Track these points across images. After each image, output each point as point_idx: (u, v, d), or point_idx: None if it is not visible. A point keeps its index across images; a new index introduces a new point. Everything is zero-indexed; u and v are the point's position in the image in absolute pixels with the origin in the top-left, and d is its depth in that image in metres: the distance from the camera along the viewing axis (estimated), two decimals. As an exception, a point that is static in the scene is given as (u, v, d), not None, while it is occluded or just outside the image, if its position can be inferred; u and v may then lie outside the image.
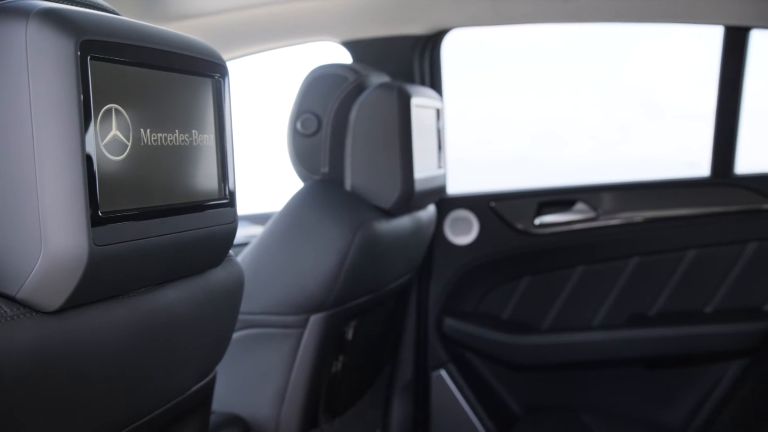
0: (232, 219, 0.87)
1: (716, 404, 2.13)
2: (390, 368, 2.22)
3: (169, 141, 0.75)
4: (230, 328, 0.99)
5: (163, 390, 0.85)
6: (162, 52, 0.74)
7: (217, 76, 0.83)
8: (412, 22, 2.06)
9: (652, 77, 2.65)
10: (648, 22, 2.00)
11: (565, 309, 2.23)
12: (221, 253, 0.88)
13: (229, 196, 0.86)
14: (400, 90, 1.65)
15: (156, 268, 0.76)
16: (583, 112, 2.82)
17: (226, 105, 0.85)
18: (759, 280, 2.09)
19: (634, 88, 2.75)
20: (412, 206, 1.78)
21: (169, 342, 0.82)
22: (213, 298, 0.89)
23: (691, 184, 2.15)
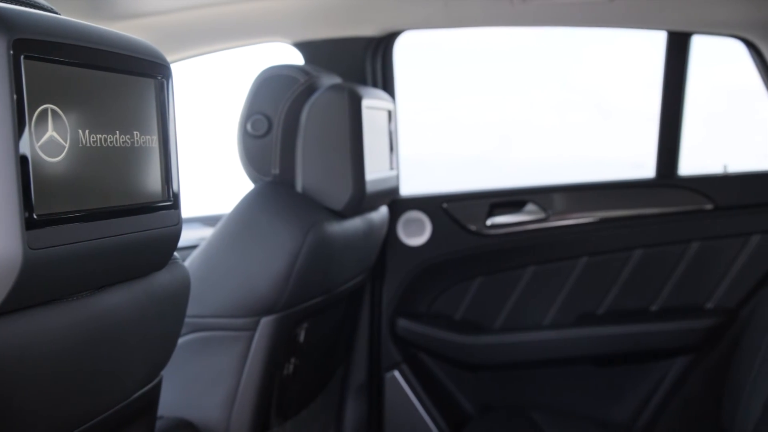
0: (177, 221, 0.86)
1: (661, 400, 2.19)
2: (343, 370, 2.21)
3: (110, 142, 0.74)
4: (176, 331, 0.98)
5: (106, 395, 0.84)
6: (101, 52, 0.73)
7: (160, 76, 0.82)
8: (364, 24, 2.07)
9: (604, 80, 2.70)
10: (594, 27, 2.04)
11: (517, 309, 2.26)
12: (165, 255, 0.87)
13: (173, 198, 0.85)
14: (350, 91, 1.65)
15: (96, 271, 0.75)
16: (537, 113, 2.86)
17: (170, 106, 0.84)
18: (702, 278, 2.15)
19: (587, 91, 2.80)
20: (363, 208, 1.78)
21: (112, 346, 0.81)
22: (157, 301, 0.88)
23: (637, 185, 2.20)
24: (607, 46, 2.21)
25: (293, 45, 2.13)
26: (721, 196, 2.13)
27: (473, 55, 2.78)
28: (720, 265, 2.13)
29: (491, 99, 2.89)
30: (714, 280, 2.14)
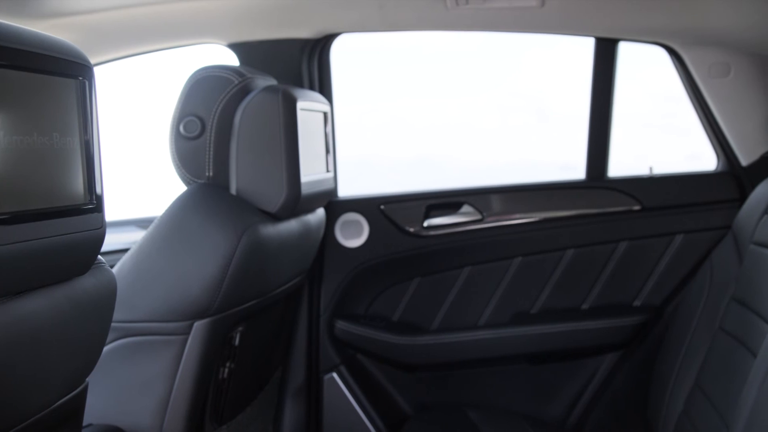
0: (100, 224, 0.84)
1: (592, 395, 2.25)
2: (281, 372, 2.21)
3: (27, 144, 0.72)
4: (101, 337, 0.96)
5: (27, 403, 0.82)
6: (18, 52, 0.71)
7: (81, 77, 0.81)
8: (300, 26, 2.06)
9: (544, 84, 2.76)
10: (526, 32, 2.09)
11: (453, 309, 2.29)
12: (88, 260, 0.86)
13: (96, 201, 0.83)
14: (285, 93, 1.65)
15: (14, 276, 0.73)
16: (479, 116, 2.91)
17: (92, 107, 0.82)
18: (630, 277, 2.22)
19: (528, 94, 2.86)
20: (299, 210, 1.78)
21: (32, 353, 0.79)
22: (80, 306, 0.86)
23: (568, 187, 2.26)
24: (548, 50, 2.26)
25: (228, 46, 2.11)
26: (647, 198, 2.21)
27: (418, 58, 2.80)
28: (646, 265, 2.20)
29: (434, 101, 2.92)
30: (641, 278, 2.21)
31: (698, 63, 2.12)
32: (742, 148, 2.15)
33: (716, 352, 1.77)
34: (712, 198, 2.18)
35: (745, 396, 1.43)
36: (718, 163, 2.23)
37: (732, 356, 1.68)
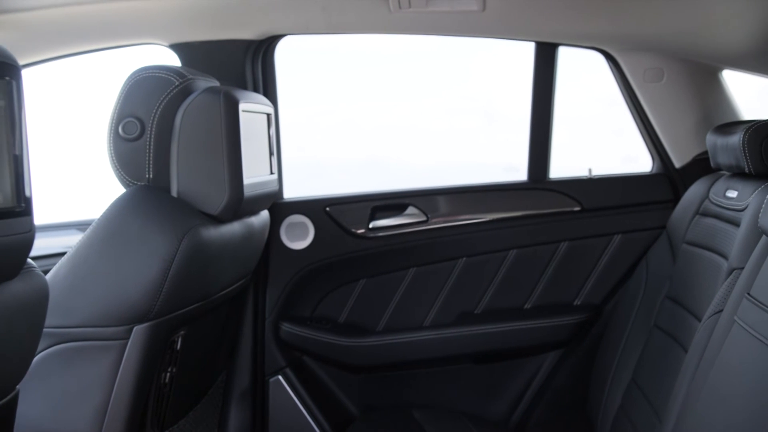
0: (29, 228, 0.83)
1: (535, 393, 2.29)
2: (225, 376, 2.19)
3: (-52, 146, 0.70)
4: (33, 342, 0.94)
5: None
6: None
7: (8, 77, 0.79)
8: (242, 27, 2.05)
9: (492, 87, 2.80)
10: (468, 36, 2.12)
11: (399, 310, 2.30)
12: (16, 264, 0.84)
13: (24, 204, 0.82)
14: (226, 94, 1.64)
15: None
16: (429, 118, 2.93)
17: (18, 107, 0.80)
18: (571, 277, 2.26)
19: (475, 97, 2.90)
20: (242, 212, 1.76)
21: (-44, 360, 0.77)
22: (8, 311, 0.84)
23: (511, 188, 2.30)
24: (496, 53, 2.30)
25: (169, 47, 2.09)
26: (586, 199, 2.26)
27: (371, 60, 2.81)
28: (586, 264, 2.25)
29: (385, 104, 2.93)
30: (581, 278, 2.26)
31: (633, 68, 2.18)
32: (675, 150, 2.22)
33: (651, 349, 1.83)
34: (648, 199, 2.24)
35: (677, 390, 1.48)
36: (653, 165, 2.30)
37: (665, 352, 1.73)
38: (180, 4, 1.89)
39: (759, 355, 1.19)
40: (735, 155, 1.71)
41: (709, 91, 2.19)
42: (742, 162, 1.69)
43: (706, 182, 1.92)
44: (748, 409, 1.17)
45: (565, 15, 1.90)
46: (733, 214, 1.68)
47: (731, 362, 1.29)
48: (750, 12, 1.55)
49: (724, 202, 1.75)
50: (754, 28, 1.59)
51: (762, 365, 1.17)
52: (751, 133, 1.66)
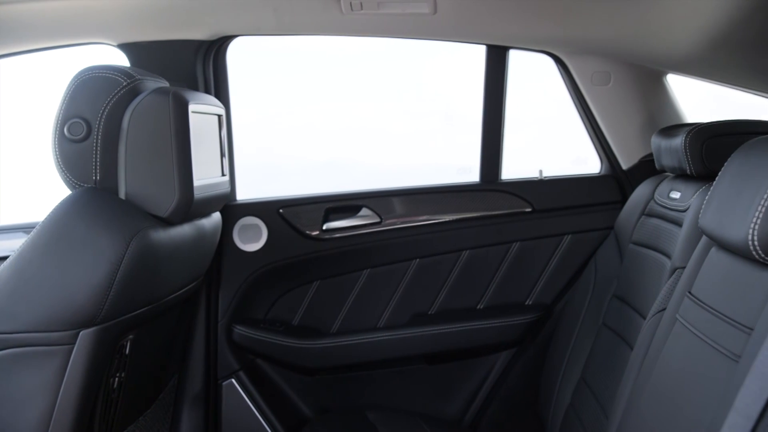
0: None
1: (488, 393, 2.32)
2: (177, 380, 2.16)
3: None
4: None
5: None
6: None
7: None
8: (193, 27, 2.03)
9: (451, 89, 2.81)
10: (420, 38, 2.13)
11: (353, 311, 2.31)
12: None
13: None
14: (175, 95, 1.62)
15: None
16: (388, 120, 2.93)
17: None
18: (523, 277, 2.29)
19: (434, 99, 2.91)
20: (192, 214, 1.74)
21: None
22: None
23: (463, 190, 2.32)
24: (456, 55, 2.31)
25: (117, 47, 2.05)
26: (537, 200, 2.29)
27: (331, 61, 2.80)
28: (538, 264, 2.28)
29: (346, 105, 2.93)
30: (533, 278, 2.29)
31: (581, 71, 2.22)
32: (622, 152, 2.27)
33: (599, 347, 1.86)
34: (597, 200, 2.28)
35: (622, 387, 1.51)
36: (601, 167, 2.35)
37: (612, 350, 1.77)
38: (129, 3, 1.86)
39: (698, 351, 1.23)
40: (678, 157, 1.76)
41: (654, 94, 2.24)
42: (685, 164, 1.73)
43: (652, 183, 1.97)
44: (689, 405, 1.20)
45: (515, 19, 1.92)
46: (676, 214, 1.73)
47: (673, 359, 1.32)
48: (692, 20, 1.60)
49: (668, 202, 1.80)
50: (696, 34, 1.64)
51: (701, 362, 1.21)
52: (692, 136, 1.70)
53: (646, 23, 1.75)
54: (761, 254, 1.09)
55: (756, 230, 1.09)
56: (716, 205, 1.26)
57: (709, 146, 1.68)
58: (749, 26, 1.50)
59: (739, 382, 1.01)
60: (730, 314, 1.17)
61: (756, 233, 1.09)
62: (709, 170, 1.67)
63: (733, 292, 1.20)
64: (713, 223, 1.26)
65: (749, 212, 1.11)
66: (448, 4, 1.80)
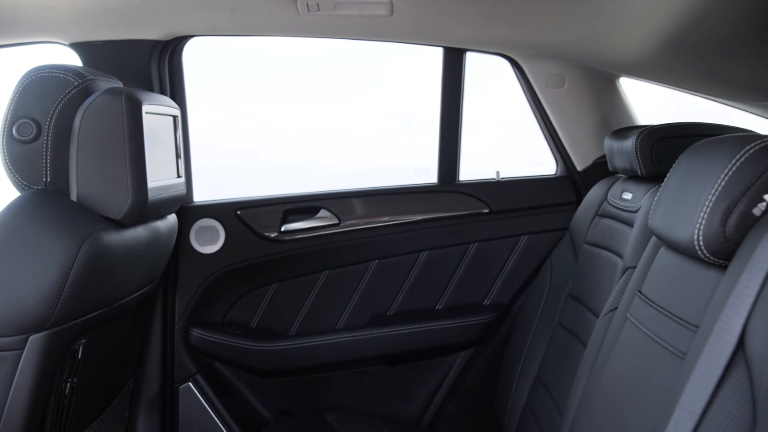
0: None
1: (446, 393, 2.33)
2: (132, 384, 2.13)
3: None
4: None
5: None
6: None
7: None
8: (147, 27, 2.00)
9: (413, 90, 2.82)
10: (377, 40, 2.14)
11: (312, 313, 2.30)
12: None
13: None
14: (128, 95, 1.60)
15: None
16: (351, 121, 2.93)
17: None
18: (480, 277, 2.31)
19: (398, 100, 2.91)
20: (147, 216, 1.72)
21: None
22: None
23: (422, 191, 2.33)
24: (419, 56, 2.31)
25: (69, 46, 2.02)
26: (494, 201, 2.31)
27: (295, 62, 2.79)
28: (495, 265, 2.31)
29: (309, 106, 2.92)
30: (490, 278, 2.31)
31: (537, 74, 2.25)
32: (577, 154, 2.30)
33: (555, 346, 1.89)
34: (553, 201, 2.31)
35: (576, 385, 1.54)
36: (557, 168, 2.38)
37: (567, 349, 1.80)
38: (81, 1, 1.82)
39: (647, 349, 1.25)
40: (629, 159, 1.79)
41: (607, 97, 2.28)
42: (636, 165, 1.77)
43: (605, 185, 2.00)
44: (638, 402, 1.22)
45: (471, 22, 1.94)
46: (628, 215, 1.76)
47: (623, 357, 1.34)
48: (642, 24, 1.62)
49: (621, 203, 1.83)
50: (646, 38, 1.67)
51: (650, 359, 1.23)
52: (642, 138, 1.74)
53: (598, 27, 1.78)
54: (706, 254, 1.12)
55: (701, 230, 1.12)
56: (664, 206, 1.29)
57: (659, 148, 1.72)
58: (697, 31, 1.53)
59: (685, 379, 1.04)
60: (677, 312, 1.20)
61: (701, 233, 1.12)
62: (658, 171, 1.70)
63: (680, 291, 1.22)
64: (661, 224, 1.29)
65: (695, 213, 1.14)
66: (404, 6, 1.81)
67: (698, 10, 1.44)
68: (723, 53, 1.65)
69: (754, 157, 1.07)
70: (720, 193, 1.09)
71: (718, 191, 1.10)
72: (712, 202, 1.11)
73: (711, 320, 1.05)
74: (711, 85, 2.00)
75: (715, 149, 1.17)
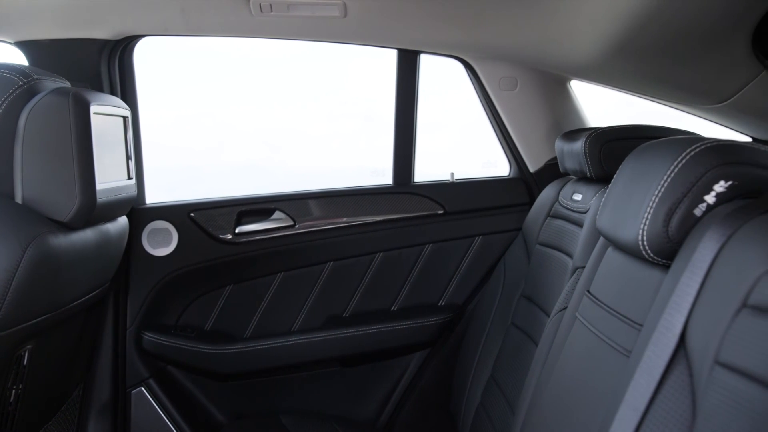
0: None
1: (402, 394, 2.34)
2: (82, 389, 2.09)
3: None
4: None
5: None
6: None
7: None
8: (96, 26, 1.97)
9: (371, 91, 2.82)
10: (331, 41, 2.13)
11: (267, 315, 2.29)
12: None
13: None
14: (75, 95, 1.57)
15: None
16: (310, 123, 2.92)
17: None
18: (436, 278, 2.33)
19: (356, 102, 2.91)
20: (96, 218, 1.69)
21: None
22: None
23: (377, 192, 2.33)
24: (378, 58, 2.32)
25: (15, 44, 1.97)
26: (449, 202, 2.33)
27: (254, 64, 2.77)
28: (450, 266, 2.32)
29: (269, 107, 2.90)
30: (445, 279, 2.33)
31: (489, 76, 2.27)
32: (530, 155, 2.33)
33: (508, 346, 1.91)
34: (506, 202, 2.34)
35: (528, 384, 1.55)
36: (510, 170, 2.40)
37: (520, 349, 1.82)
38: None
39: (595, 348, 1.27)
40: (579, 160, 1.82)
41: (558, 99, 2.31)
42: (585, 167, 1.80)
43: (557, 186, 2.03)
44: (586, 400, 1.24)
45: (424, 24, 1.95)
46: (578, 215, 1.79)
47: (572, 356, 1.36)
48: (591, 28, 1.65)
49: (571, 204, 1.86)
50: (595, 42, 1.70)
51: (597, 358, 1.25)
52: (591, 140, 1.77)
53: (548, 31, 1.80)
54: (650, 254, 1.14)
55: (645, 231, 1.14)
56: (611, 207, 1.31)
57: (607, 150, 1.75)
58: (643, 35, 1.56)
59: (630, 377, 1.06)
60: (623, 311, 1.22)
61: (645, 234, 1.14)
62: (607, 173, 1.73)
63: (626, 290, 1.25)
64: (608, 224, 1.31)
65: (639, 214, 1.16)
66: (358, 7, 1.81)
67: (644, 16, 1.47)
68: (668, 58, 1.69)
69: (694, 160, 1.10)
70: (663, 195, 1.12)
71: (661, 192, 1.12)
72: (655, 203, 1.13)
73: (654, 319, 1.07)
74: (658, 89, 2.04)
75: (659, 152, 1.20)
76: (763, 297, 0.85)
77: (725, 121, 2.13)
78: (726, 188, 1.07)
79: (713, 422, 0.86)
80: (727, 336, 0.88)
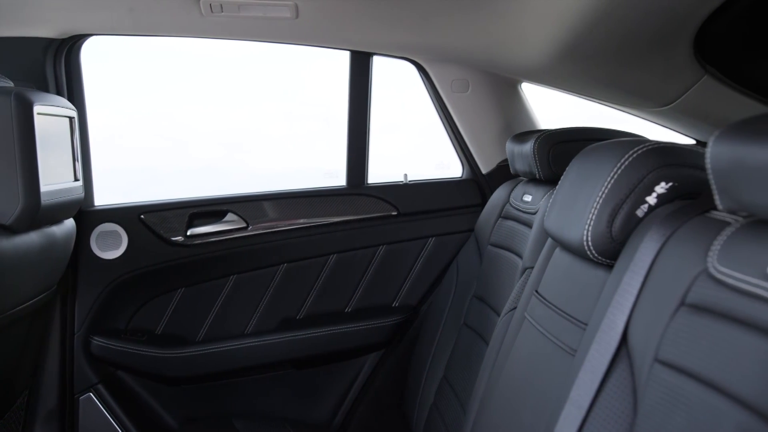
0: None
1: (356, 395, 2.34)
2: (27, 396, 2.04)
3: None
4: None
5: None
6: None
7: None
8: (41, 24, 1.92)
9: (330, 92, 2.81)
10: (282, 42, 2.12)
11: (220, 318, 2.26)
12: None
13: None
14: (18, 95, 1.53)
15: None
16: (268, 124, 2.90)
17: None
18: (389, 279, 2.33)
19: (316, 103, 2.90)
20: (40, 221, 1.65)
21: None
22: None
23: (330, 194, 2.33)
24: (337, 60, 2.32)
25: (-45, 42, 1.92)
26: (402, 204, 2.34)
27: (212, 64, 2.74)
28: (404, 267, 2.33)
29: (226, 108, 2.87)
30: (399, 280, 2.34)
31: (442, 78, 2.29)
32: (482, 157, 2.36)
33: (460, 346, 1.92)
34: (459, 203, 2.36)
35: (479, 383, 1.57)
36: (463, 171, 2.42)
37: (472, 349, 1.83)
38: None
39: (542, 347, 1.29)
40: (528, 162, 1.85)
41: (509, 101, 2.34)
42: (534, 168, 1.82)
43: (508, 187, 2.05)
44: (533, 398, 1.26)
45: (376, 26, 1.95)
46: (528, 216, 1.81)
47: (521, 356, 1.38)
48: (539, 31, 1.68)
49: (521, 205, 1.88)
50: (543, 46, 1.72)
51: (545, 357, 1.27)
52: (540, 142, 1.79)
53: (497, 34, 1.82)
54: (594, 254, 1.16)
55: (590, 231, 1.16)
56: (558, 208, 1.33)
57: (555, 152, 1.78)
58: (591, 39, 1.59)
59: (575, 375, 1.08)
60: (569, 311, 1.24)
61: (590, 234, 1.16)
62: (555, 174, 1.76)
63: (572, 290, 1.27)
64: (555, 225, 1.33)
65: (584, 215, 1.19)
66: (309, 9, 1.80)
67: (591, 20, 1.50)
68: (615, 61, 1.73)
69: (637, 161, 1.12)
70: (606, 196, 1.14)
71: (604, 194, 1.14)
72: (599, 204, 1.15)
73: (598, 318, 1.09)
74: (606, 92, 2.08)
75: (603, 154, 1.22)
76: (700, 296, 0.87)
77: (670, 123, 2.19)
78: (667, 189, 1.10)
79: (653, 419, 0.88)
80: (666, 334, 0.90)
